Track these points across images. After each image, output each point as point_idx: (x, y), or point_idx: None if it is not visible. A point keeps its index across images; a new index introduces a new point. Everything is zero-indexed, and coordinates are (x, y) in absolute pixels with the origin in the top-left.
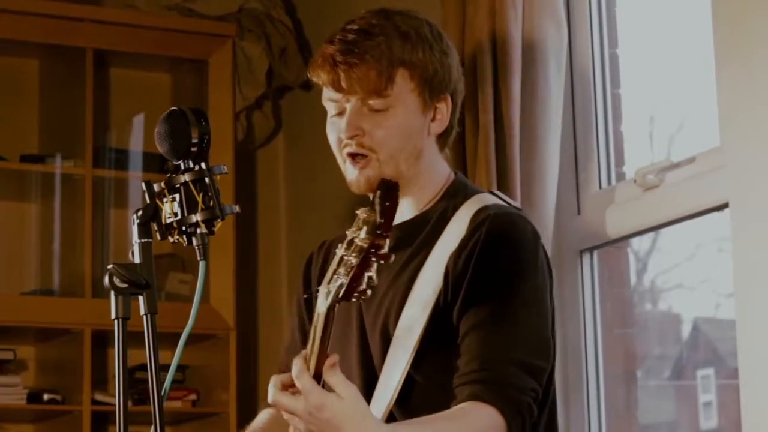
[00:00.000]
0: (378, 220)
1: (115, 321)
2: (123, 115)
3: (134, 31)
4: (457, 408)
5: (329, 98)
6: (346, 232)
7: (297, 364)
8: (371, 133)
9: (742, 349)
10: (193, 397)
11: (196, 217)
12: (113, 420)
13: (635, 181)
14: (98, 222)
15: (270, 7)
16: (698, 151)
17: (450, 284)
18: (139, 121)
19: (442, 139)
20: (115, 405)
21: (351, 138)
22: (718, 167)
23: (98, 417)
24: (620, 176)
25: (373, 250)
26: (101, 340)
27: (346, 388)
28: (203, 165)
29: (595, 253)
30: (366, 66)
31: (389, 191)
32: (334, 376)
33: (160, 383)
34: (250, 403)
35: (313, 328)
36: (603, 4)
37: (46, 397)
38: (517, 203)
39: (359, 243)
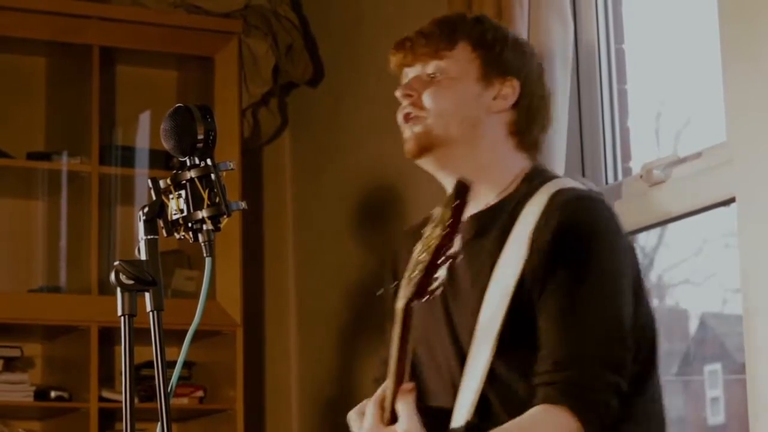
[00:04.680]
0: (448, 218)
1: (122, 318)
2: (129, 112)
3: (140, 28)
4: (527, 415)
5: (400, 83)
6: (423, 230)
7: (370, 409)
8: (425, 95)
9: (749, 344)
10: (199, 393)
11: (202, 214)
12: (120, 417)
13: (642, 177)
14: (105, 219)
15: (276, 3)
16: (705, 147)
17: (529, 269)
18: (145, 118)
19: (516, 132)
20: (121, 402)
21: (404, 97)
22: (725, 162)
23: (105, 414)
24: (627, 171)
25: (442, 249)
26: (108, 337)
27: (409, 423)
28: (209, 161)
29: None
30: (431, 32)
31: (460, 192)
32: (402, 406)
33: (166, 380)
34: (257, 399)
35: (394, 329)
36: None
37: (53, 394)
38: (595, 187)
39: (429, 242)
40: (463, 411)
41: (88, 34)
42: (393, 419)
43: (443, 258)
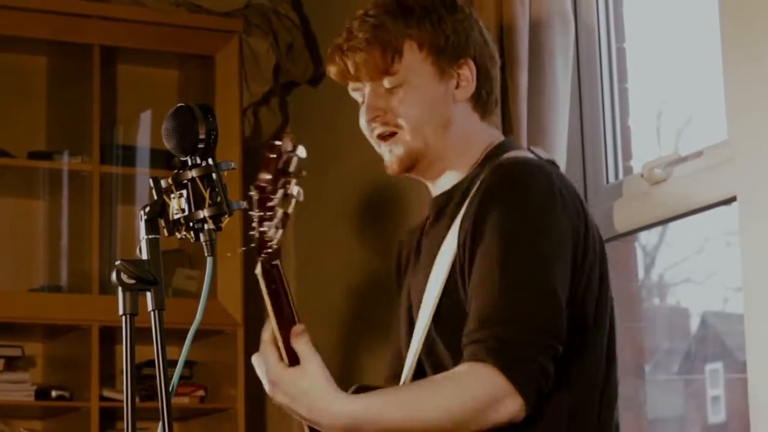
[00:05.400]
0: (266, 175)
1: (123, 317)
2: (130, 112)
3: (141, 27)
4: (451, 371)
5: (352, 89)
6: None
7: (264, 333)
8: (393, 110)
9: (751, 343)
10: (201, 393)
11: (204, 213)
12: (121, 416)
13: (643, 176)
14: (106, 218)
15: (277, 2)
16: (706, 145)
17: (460, 243)
18: (146, 117)
19: (479, 105)
20: (123, 401)
21: (373, 120)
22: (726, 161)
23: (106, 413)
24: (628, 170)
25: (264, 203)
26: (109, 336)
27: (308, 360)
28: (210, 161)
29: None
30: (369, 49)
31: (273, 143)
32: (298, 345)
33: (167, 379)
34: (258, 399)
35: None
36: None
37: (54, 393)
38: (549, 156)
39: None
40: (402, 379)
41: (89, 33)
42: (291, 363)
43: (266, 212)
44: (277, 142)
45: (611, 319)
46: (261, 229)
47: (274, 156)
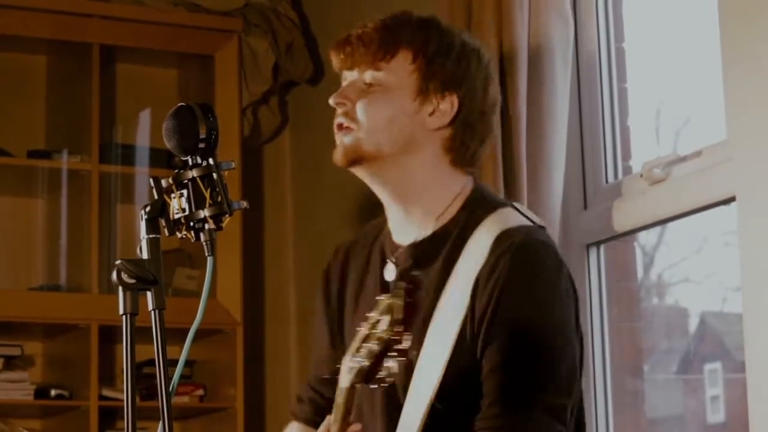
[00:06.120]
0: (399, 317)
1: (123, 316)
2: (129, 111)
3: (141, 26)
4: None
5: (342, 80)
6: (368, 314)
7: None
8: (359, 105)
9: (749, 342)
10: (200, 392)
11: (204, 213)
12: (121, 415)
13: (642, 175)
14: (105, 217)
15: (276, 2)
16: (705, 145)
17: (475, 316)
18: (145, 116)
19: (451, 149)
20: (122, 400)
21: (337, 104)
22: (725, 161)
23: (106, 412)
24: (627, 170)
25: (393, 344)
26: (109, 335)
27: None
28: (211, 161)
29: (602, 248)
30: (369, 37)
31: (414, 288)
32: None
33: (167, 379)
34: (257, 398)
35: (336, 401)
36: None
37: (53, 392)
38: (539, 220)
39: (381, 334)
40: None
41: (89, 32)
42: None
43: (393, 353)
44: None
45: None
46: (385, 363)
47: (412, 302)
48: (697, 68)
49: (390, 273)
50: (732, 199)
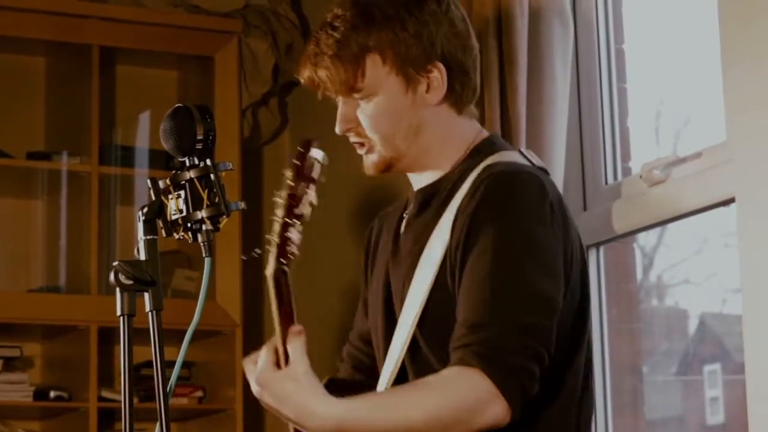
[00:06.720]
0: (291, 183)
1: (121, 318)
2: (129, 112)
3: (140, 28)
4: (437, 375)
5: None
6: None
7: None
8: (362, 122)
9: (749, 344)
10: (199, 393)
11: (202, 214)
12: (119, 417)
13: (641, 177)
14: (104, 219)
15: (276, 3)
16: (704, 146)
17: (452, 244)
18: (145, 118)
19: (454, 101)
20: (121, 402)
21: (346, 132)
22: (725, 162)
23: (105, 414)
24: (626, 171)
25: (291, 215)
26: (107, 336)
27: (296, 362)
28: (209, 162)
29: (602, 249)
30: (333, 67)
31: (302, 149)
32: (291, 346)
33: (165, 380)
34: (256, 399)
35: (270, 295)
36: None
37: (52, 394)
38: (542, 164)
39: (279, 210)
40: (383, 381)
41: (88, 33)
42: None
43: (293, 218)
44: (303, 150)
45: (589, 332)
46: (286, 234)
47: (300, 163)
48: (697, 69)
49: (402, 224)
50: (732, 201)
